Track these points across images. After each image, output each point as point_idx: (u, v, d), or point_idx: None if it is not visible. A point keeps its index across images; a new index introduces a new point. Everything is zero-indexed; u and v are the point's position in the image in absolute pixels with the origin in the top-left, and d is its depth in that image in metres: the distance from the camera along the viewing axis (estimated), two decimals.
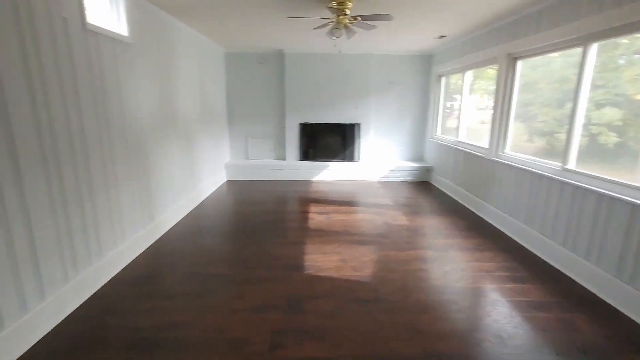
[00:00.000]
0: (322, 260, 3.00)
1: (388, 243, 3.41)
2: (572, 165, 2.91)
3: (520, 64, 3.67)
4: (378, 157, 6.63)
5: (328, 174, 6.26)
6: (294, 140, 6.37)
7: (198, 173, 4.76)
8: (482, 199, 4.29)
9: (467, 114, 5.02)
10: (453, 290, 2.56)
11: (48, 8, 2.07)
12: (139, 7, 3.12)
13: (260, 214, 4.29)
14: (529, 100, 3.65)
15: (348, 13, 3.13)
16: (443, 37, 4.70)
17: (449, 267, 2.93)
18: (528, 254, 3.19)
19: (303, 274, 2.77)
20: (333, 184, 5.94)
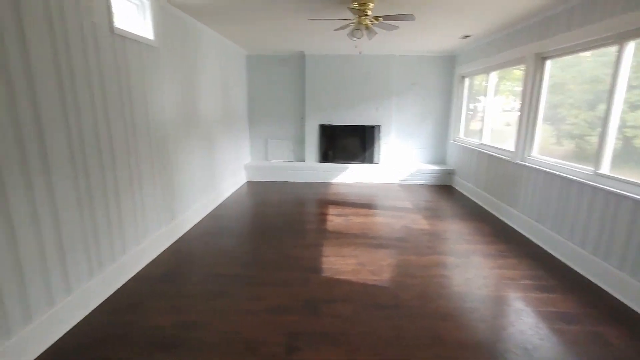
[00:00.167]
0: (339, 263, 2.98)
1: (408, 247, 3.35)
2: (605, 170, 2.77)
3: (549, 64, 3.53)
4: (398, 159, 6.54)
5: (347, 176, 6.22)
6: (314, 142, 6.38)
7: (219, 174, 4.84)
8: (506, 204, 4.15)
9: (491, 116, 4.87)
10: (475, 298, 2.47)
11: (78, 13, 2.15)
12: (165, 11, 3.20)
13: (279, 215, 4.30)
14: (558, 102, 3.50)
15: (369, 14, 3.10)
16: (467, 37, 4.58)
17: (471, 273, 2.84)
18: (556, 262, 3.05)
19: (320, 277, 2.75)
20: (352, 186, 5.90)
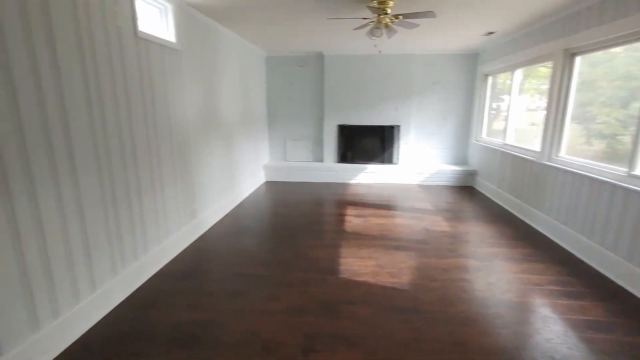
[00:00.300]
0: (358, 265, 2.95)
1: (428, 250, 3.28)
2: None
3: (579, 60, 3.37)
4: (418, 160, 6.43)
5: (366, 177, 6.17)
6: (332, 142, 6.36)
7: (238, 174, 4.89)
8: (531, 206, 4.00)
9: (515, 115, 4.71)
10: (498, 303, 2.39)
11: (104, 18, 2.21)
12: (186, 14, 3.27)
13: (297, 216, 4.31)
14: (588, 100, 3.34)
15: (389, 12, 3.06)
16: (491, 33, 4.45)
17: (494, 278, 2.75)
18: (585, 268, 2.91)
19: (338, 278, 2.73)
20: (371, 187, 5.84)
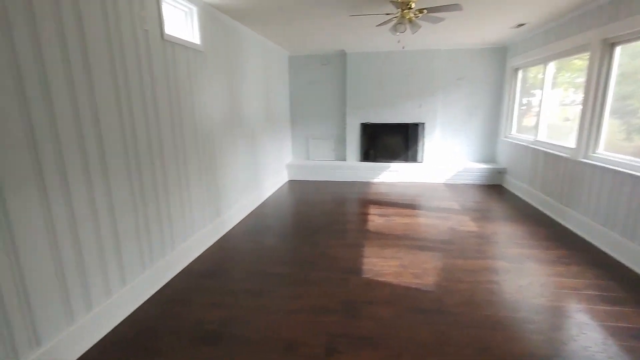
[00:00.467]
0: (380, 265, 2.90)
1: (454, 250, 3.18)
2: None
3: (619, 51, 3.16)
4: (444, 158, 6.26)
5: (389, 176, 6.08)
6: (355, 141, 6.31)
7: (261, 173, 4.95)
8: (566, 205, 3.79)
9: (548, 111, 4.49)
10: (530, 308, 2.28)
11: (133, 23, 2.29)
12: (210, 16, 3.33)
13: (320, 215, 4.30)
14: (628, 93, 3.13)
15: (413, 6, 2.99)
16: (521, 25, 4.26)
17: (525, 280, 2.62)
18: (627, 272, 2.73)
19: (361, 278, 2.70)
20: (394, 186, 5.75)
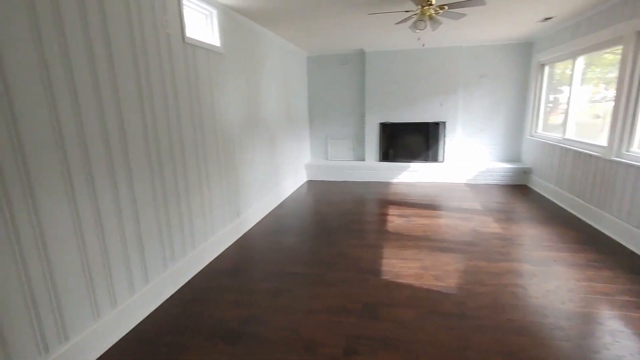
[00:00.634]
0: (400, 266, 2.86)
1: (476, 252, 3.09)
2: None
3: None
4: (465, 157, 6.11)
5: (409, 176, 5.99)
6: (374, 141, 6.25)
7: (280, 173, 4.98)
8: (596, 206, 3.62)
9: (576, 108, 4.30)
10: (557, 313, 2.18)
11: (155, 27, 2.34)
12: (229, 18, 3.37)
13: (339, 215, 4.28)
14: None
15: (434, 3, 2.92)
16: (548, 19, 4.09)
17: (553, 284, 2.52)
18: None
19: (380, 279, 2.66)
20: (414, 186, 5.66)
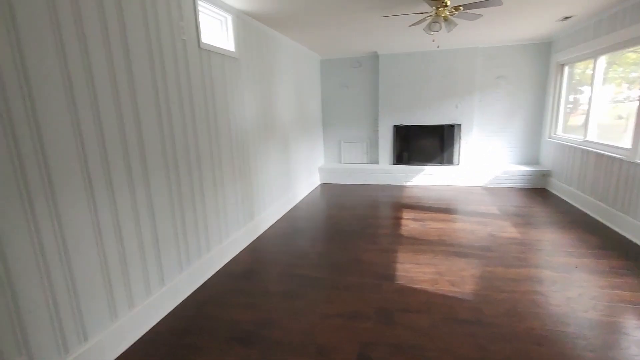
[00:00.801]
0: (415, 271, 2.81)
1: (493, 257, 3.02)
2: None
3: None
4: (482, 160, 6.00)
5: (423, 179, 5.91)
6: (388, 144, 6.20)
7: (293, 176, 4.99)
8: (620, 211, 3.49)
9: (598, 108, 4.16)
10: (580, 322, 2.11)
11: (172, 33, 2.39)
12: (243, 23, 3.41)
13: (352, 219, 4.26)
14: None
15: (448, 4, 2.89)
16: (567, 18, 3.99)
17: (575, 292, 2.44)
18: None
19: (394, 284, 2.63)
20: (429, 189, 5.58)
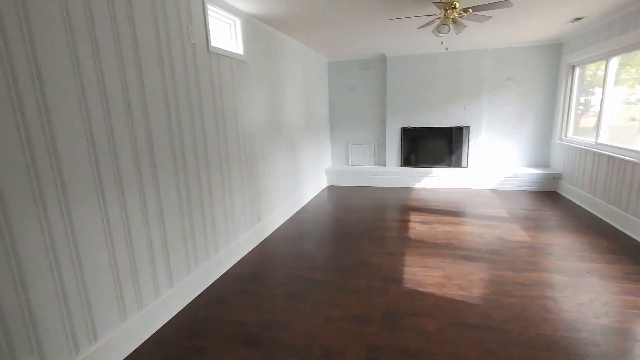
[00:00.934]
0: (423, 275, 2.79)
1: (502, 261, 2.99)
2: None
3: None
4: (491, 162, 5.94)
5: (431, 181, 5.88)
6: (395, 146, 6.18)
7: (301, 178, 5.00)
8: (634, 215, 3.42)
9: (610, 110, 4.10)
10: (592, 328, 2.07)
11: (182, 37, 2.42)
12: (252, 26, 3.44)
13: (359, 221, 4.25)
14: None
15: (457, 6, 2.87)
16: (578, 19, 3.94)
17: (586, 297, 2.39)
18: None
19: (402, 288, 2.61)
20: (437, 192, 5.54)
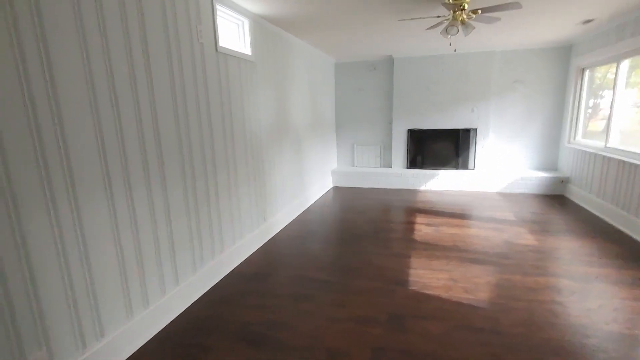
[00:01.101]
0: (428, 277, 2.78)
1: (509, 265, 2.96)
2: None
3: None
4: (498, 165, 5.89)
5: (437, 183, 5.84)
6: (401, 147, 6.16)
7: (306, 179, 5.00)
8: None
9: (620, 114, 4.04)
10: (601, 334, 2.04)
11: (190, 37, 2.44)
12: (260, 27, 3.45)
13: (365, 222, 4.24)
14: None
15: (466, 7, 2.86)
16: (588, 21, 3.90)
17: (595, 303, 2.36)
18: None
19: (407, 290, 2.60)
20: (443, 194, 5.51)
